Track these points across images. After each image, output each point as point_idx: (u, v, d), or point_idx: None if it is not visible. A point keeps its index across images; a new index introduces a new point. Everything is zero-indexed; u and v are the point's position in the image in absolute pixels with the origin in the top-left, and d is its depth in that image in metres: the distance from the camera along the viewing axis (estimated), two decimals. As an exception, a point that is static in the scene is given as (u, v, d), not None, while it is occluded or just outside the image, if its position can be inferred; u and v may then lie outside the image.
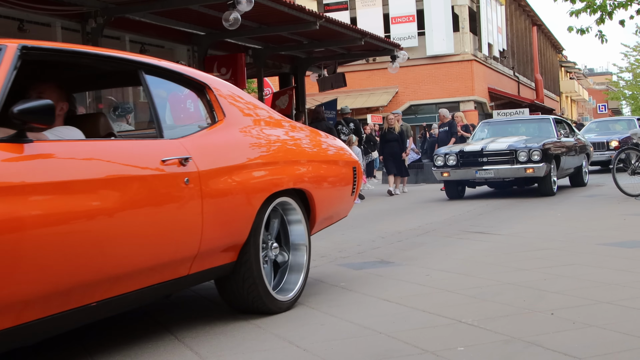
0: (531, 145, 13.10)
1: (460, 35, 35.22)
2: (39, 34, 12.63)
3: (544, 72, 57.73)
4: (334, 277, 6.01)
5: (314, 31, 15.30)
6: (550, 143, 13.52)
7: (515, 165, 13.10)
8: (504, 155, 13.22)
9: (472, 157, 13.49)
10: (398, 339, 3.96)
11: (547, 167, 13.05)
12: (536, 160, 12.90)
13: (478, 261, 6.50)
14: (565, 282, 5.27)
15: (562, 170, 14.16)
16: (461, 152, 13.61)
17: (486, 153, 13.36)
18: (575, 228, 8.62)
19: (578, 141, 15.45)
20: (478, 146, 13.69)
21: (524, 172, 13.06)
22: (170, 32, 14.58)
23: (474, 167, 13.41)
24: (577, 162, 15.23)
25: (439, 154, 13.89)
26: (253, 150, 4.61)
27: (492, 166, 13.29)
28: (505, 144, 13.44)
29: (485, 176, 13.42)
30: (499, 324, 4.16)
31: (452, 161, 13.54)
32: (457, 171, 13.53)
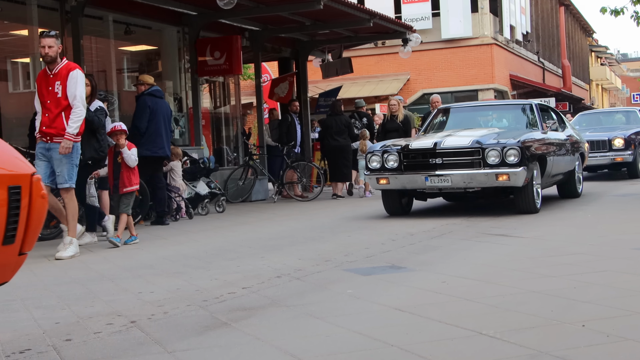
0: (505, 141, 10.36)
1: (479, 16, 35.16)
2: (14, 12, 12.63)
3: (572, 58, 57.68)
4: (339, 283, 6.01)
5: (318, 11, 15.28)
6: (532, 139, 10.87)
7: (482, 169, 10.28)
8: (467, 155, 10.43)
9: (420, 157, 10.66)
10: (412, 352, 3.95)
11: (528, 172, 10.32)
12: (512, 162, 10.15)
13: (499, 267, 6.50)
14: (597, 291, 5.26)
15: (548, 177, 11.60)
16: (405, 149, 10.75)
17: (441, 151, 10.49)
18: (607, 231, 8.61)
19: (570, 138, 12.93)
20: (429, 141, 10.74)
21: (494, 179, 10.25)
22: (158, 12, 14.56)
23: (423, 172, 10.55)
24: (569, 166, 12.62)
25: (374, 152, 11.04)
26: None
27: (449, 170, 10.43)
28: (468, 139, 10.64)
29: (438, 184, 10.51)
30: (524, 336, 4.15)
31: (392, 162, 10.76)
32: (400, 177, 10.69)
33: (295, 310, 5.08)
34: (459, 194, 11.19)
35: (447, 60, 35.22)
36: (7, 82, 14.22)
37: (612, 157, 17.71)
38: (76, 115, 8.36)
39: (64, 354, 4.21)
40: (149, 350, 4.23)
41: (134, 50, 16.51)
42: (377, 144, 11.65)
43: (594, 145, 17.40)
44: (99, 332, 4.68)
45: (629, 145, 17.67)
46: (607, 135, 17.87)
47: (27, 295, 6.04)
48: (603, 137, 17.81)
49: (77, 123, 8.35)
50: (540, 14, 47.43)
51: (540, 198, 11.06)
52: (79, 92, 8.40)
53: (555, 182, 12.64)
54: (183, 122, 15.82)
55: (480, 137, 10.62)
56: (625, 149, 17.68)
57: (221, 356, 4.08)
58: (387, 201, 11.35)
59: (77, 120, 8.36)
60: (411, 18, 33.54)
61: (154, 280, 6.53)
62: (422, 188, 10.77)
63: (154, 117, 11.49)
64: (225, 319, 4.88)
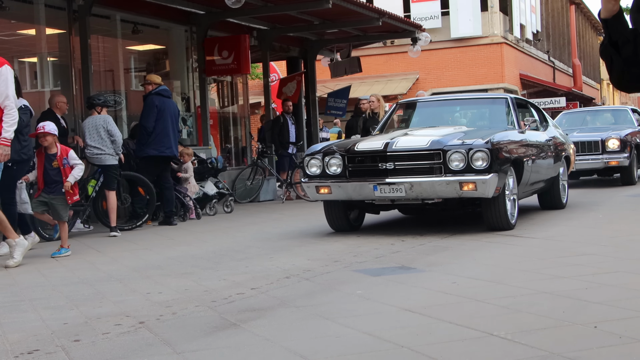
0: (472, 141, 8.66)
1: (488, 15, 35.10)
2: (21, 11, 12.66)
3: (583, 57, 57.55)
4: (349, 284, 6.01)
5: (326, 10, 15.28)
6: (506, 140, 9.24)
7: (443, 176, 8.60)
8: (425, 159, 8.74)
9: (369, 160, 9.00)
10: (422, 353, 3.95)
11: (500, 179, 8.60)
12: (480, 167, 8.49)
13: (510, 267, 6.49)
14: (609, 292, 5.26)
15: (526, 186, 9.94)
16: (351, 151, 9.07)
17: (393, 154, 8.81)
18: (618, 231, 8.59)
19: (554, 139, 11.30)
20: (379, 142, 9.04)
21: (458, 188, 8.54)
22: (166, 11, 14.59)
23: (371, 179, 8.87)
24: (551, 171, 10.93)
25: (314, 154, 9.34)
26: None
27: (403, 177, 8.73)
28: (426, 139, 8.92)
29: (390, 195, 8.82)
30: (535, 337, 4.15)
31: (335, 167, 9.10)
32: (344, 186, 8.99)
33: (305, 311, 5.09)
34: (416, 206, 9.43)
35: (457, 59, 35.16)
36: (14, 82, 14.24)
37: (605, 161, 15.49)
38: (10, 118, 7.66)
39: (73, 355, 4.22)
40: (157, 351, 4.24)
41: (142, 50, 16.53)
42: (315, 146, 9.78)
43: (585, 146, 15.53)
44: (107, 332, 4.69)
45: (624, 146, 15.49)
46: (599, 136, 15.72)
47: (36, 296, 6.06)
48: (595, 138, 15.67)
49: (12, 127, 7.67)
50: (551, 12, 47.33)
51: (517, 211, 9.32)
52: (10, 91, 7.69)
53: (536, 191, 10.90)
54: (191, 121, 15.84)
55: (441, 137, 8.89)
56: (620, 151, 15.46)
57: (230, 357, 4.09)
58: (331, 214, 9.58)
59: (12, 123, 7.66)
60: (420, 17, 33.50)
61: (163, 280, 6.54)
62: (371, 199, 9.06)
63: (162, 117, 11.50)
64: (234, 320, 4.89)
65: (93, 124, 10.60)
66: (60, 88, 13.44)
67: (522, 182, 9.57)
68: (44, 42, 13.56)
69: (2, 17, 12.42)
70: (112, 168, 10.58)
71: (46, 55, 13.79)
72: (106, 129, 10.54)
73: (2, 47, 13.53)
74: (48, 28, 13.31)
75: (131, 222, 11.15)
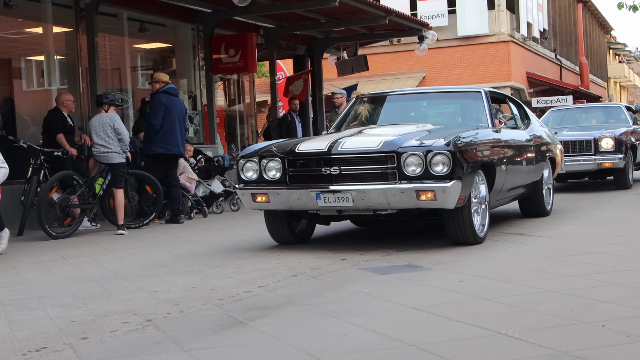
0: (432, 142, 7.42)
1: (495, 13, 35.06)
2: (28, 10, 12.69)
3: (590, 55, 57.43)
4: (356, 282, 6.01)
5: (333, 8, 15.28)
6: (475, 140, 8.06)
7: (397, 183, 7.36)
8: (376, 163, 7.50)
9: (311, 164, 7.77)
10: (430, 351, 3.95)
11: (464, 187, 7.38)
12: (440, 173, 7.26)
13: (517, 266, 6.49)
14: (617, 291, 5.25)
15: (501, 193, 8.75)
16: (291, 153, 7.84)
17: (338, 157, 7.58)
18: (626, 230, 8.58)
19: (535, 138, 10.19)
20: (323, 143, 7.80)
21: (414, 197, 7.30)
22: (172, 9, 14.60)
23: (314, 186, 7.66)
24: (533, 175, 9.85)
25: (249, 157, 8.10)
26: None
27: (350, 184, 7.51)
28: (378, 140, 7.66)
29: (335, 204, 7.58)
30: (543, 336, 4.14)
31: (274, 172, 7.91)
32: (283, 193, 7.78)
33: (312, 309, 5.09)
34: (369, 217, 8.29)
35: (463, 57, 35.13)
36: (21, 80, 14.30)
37: (598, 162, 14.08)
38: None
39: (80, 353, 4.23)
40: (165, 349, 4.25)
41: (149, 48, 16.55)
42: (250, 147, 8.48)
43: (575, 146, 14.21)
44: (114, 330, 4.70)
45: (619, 147, 14.12)
46: (592, 135, 14.34)
47: (43, 294, 6.08)
48: (587, 137, 14.30)
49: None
50: (558, 10, 47.25)
51: (488, 222, 8.11)
52: None
53: (515, 198, 9.80)
54: (197, 120, 15.86)
55: (396, 137, 7.67)
56: (615, 151, 14.07)
57: (238, 355, 4.09)
58: (272, 225, 8.41)
59: None
60: (427, 15, 33.46)
61: (170, 279, 6.55)
62: (314, 209, 7.84)
63: (169, 115, 11.51)
64: (242, 318, 4.89)
65: (100, 122, 10.62)
66: (67, 86, 13.46)
67: (495, 188, 8.42)
68: (51, 41, 13.58)
69: (10, 15, 12.45)
70: (119, 166, 10.60)
71: (53, 53, 13.81)
72: (113, 127, 10.55)
73: (10, 45, 13.58)
74: (55, 26, 13.34)
75: (138, 220, 11.17)
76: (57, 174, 10.30)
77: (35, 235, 10.28)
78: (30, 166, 10.44)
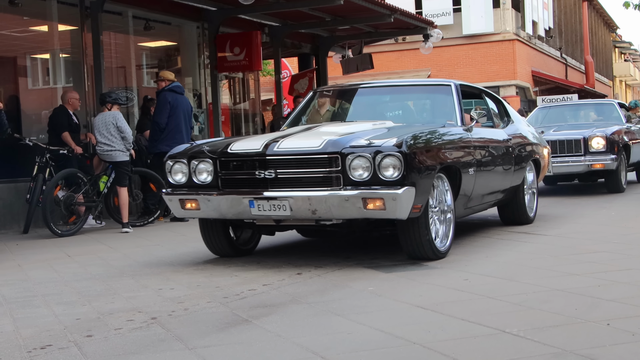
0: (381, 142, 6.45)
1: (500, 11, 35.02)
2: (33, 8, 12.71)
3: (595, 54, 57.34)
4: (361, 280, 6.00)
5: (338, 7, 15.27)
6: (436, 141, 7.06)
7: (341, 189, 6.37)
8: (317, 166, 6.51)
9: (245, 166, 6.81)
10: (434, 350, 3.95)
11: (419, 193, 6.39)
12: (390, 178, 6.29)
13: (522, 264, 6.48)
14: (622, 289, 5.24)
15: (471, 200, 7.79)
16: (223, 154, 6.89)
17: (275, 158, 6.63)
18: (631, 228, 8.57)
19: (516, 137, 9.16)
20: (258, 142, 6.82)
21: (361, 206, 6.32)
22: (177, 7, 14.60)
23: (247, 192, 6.71)
24: (512, 179, 8.83)
25: (177, 157, 7.18)
26: None
27: (288, 190, 6.56)
28: (321, 139, 6.65)
29: (271, 213, 6.62)
30: (547, 334, 4.14)
31: (205, 175, 6.98)
32: (214, 200, 6.83)
33: (317, 307, 5.09)
34: (313, 228, 7.24)
35: (469, 56, 35.13)
36: (26, 78, 14.30)
37: (588, 163, 13.04)
38: None
39: (85, 350, 4.23)
40: (170, 346, 4.25)
41: (154, 46, 16.55)
42: (179, 148, 7.46)
43: (564, 147, 13.20)
44: (119, 328, 4.71)
45: (611, 147, 13.06)
46: (581, 134, 13.29)
47: (48, 291, 6.09)
48: (576, 136, 13.26)
49: None
50: (563, 9, 47.18)
51: (452, 233, 7.16)
52: None
53: (492, 204, 8.85)
54: (202, 118, 15.86)
55: (341, 136, 6.69)
56: (606, 151, 13.01)
57: (242, 353, 4.09)
58: (207, 234, 7.49)
59: None
60: (432, 13, 33.45)
61: (174, 277, 6.56)
62: (249, 218, 6.86)
63: (174, 113, 11.53)
64: (246, 316, 4.90)
65: (103, 120, 10.64)
66: (72, 84, 13.48)
67: (463, 195, 7.46)
68: (57, 39, 13.59)
69: (15, 13, 12.47)
70: (123, 164, 10.62)
71: (58, 51, 13.82)
72: (116, 125, 10.57)
73: (15, 43, 13.59)
74: (60, 24, 13.35)
75: (143, 219, 11.19)
76: (61, 172, 10.31)
77: (40, 233, 10.30)
78: (36, 164, 10.47)
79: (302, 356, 3.96)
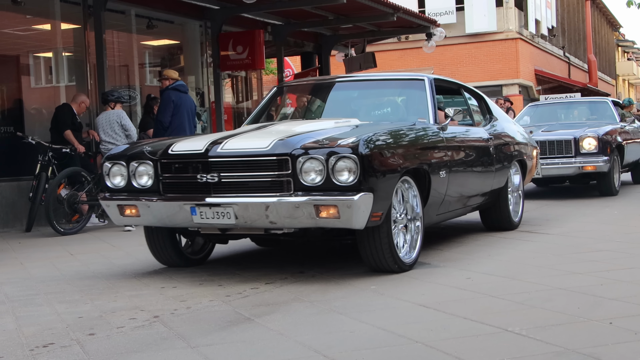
0: (337, 143, 5.80)
1: (503, 10, 35.00)
2: (36, 6, 12.71)
3: (599, 53, 57.29)
4: (363, 279, 6.00)
5: (341, 5, 15.26)
6: (400, 140, 6.33)
7: (291, 195, 5.73)
8: (265, 169, 5.85)
9: (187, 169, 6.15)
10: (437, 348, 3.95)
11: (378, 200, 5.73)
12: (345, 183, 5.62)
13: (525, 263, 6.48)
14: (624, 288, 5.24)
15: (445, 205, 7.13)
16: (164, 155, 6.24)
17: (218, 160, 5.99)
18: (634, 227, 8.56)
19: (498, 137, 8.45)
20: (201, 142, 6.18)
21: (313, 214, 5.66)
22: (180, 6, 14.60)
23: (189, 197, 6.11)
24: (493, 182, 8.16)
25: (116, 158, 6.48)
26: None
27: (231, 196, 5.92)
28: (270, 139, 5.98)
29: (215, 221, 6.00)
30: (550, 333, 4.14)
31: (144, 179, 6.33)
32: (154, 206, 6.21)
33: (319, 306, 5.09)
34: (265, 236, 6.53)
35: (471, 55, 35.11)
36: (29, 77, 14.32)
37: (579, 165, 12.22)
38: None
39: (88, 348, 4.24)
40: (172, 345, 4.25)
41: (156, 45, 16.56)
42: (117, 149, 6.79)
43: (553, 147, 12.37)
44: (122, 326, 4.71)
45: (604, 148, 12.26)
46: (572, 134, 12.43)
47: (50, 290, 6.09)
48: (567, 137, 12.41)
49: None
50: (566, 7, 47.14)
51: (420, 243, 6.48)
52: None
53: (474, 208, 8.21)
54: (205, 117, 15.86)
55: (294, 136, 6.06)
56: (598, 152, 12.20)
57: (244, 351, 4.09)
58: (153, 241, 6.84)
59: None
60: (435, 12, 33.43)
61: (177, 275, 6.56)
62: (191, 226, 6.29)
63: (178, 112, 11.51)
64: (249, 315, 4.90)
65: (107, 119, 10.65)
66: (75, 83, 13.49)
67: (433, 200, 6.77)
68: (59, 37, 13.61)
69: (18, 12, 12.48)
70: (126, 163, 10.60)
71: (61, 50, 13.83)
72: (120, 123, 10.58)
73: (18, 42, 13.60)
74: (63, 23, 13.36)
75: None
76: (65, 171, 10.32)
77: (43, 231, 10.31)
78: (39, 163, 10.48)
79: (304, 354, 3.96)
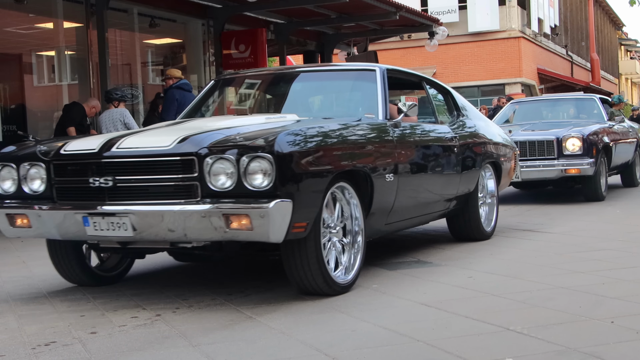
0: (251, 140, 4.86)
1: (506, 9, 34.98)
2: (39, 5, 12.72)
3: (601, 51, 57.24)
4: (365, 278, 6.00)
5: (343, 4, 15.27)
6: (332, 138, 5.37)
7: (198, 202, 4.86)
8: (168, 171, 4.96)
9: (80, 172, 5.25)
10: (438, 347, 3.95)
11: (300, 208, 4.81)
12: (259, 188, 4.72)
13: (527, 262, 6.47)
14: (626, 287, 5.23)
15: (396, 213, 6.23)
16: (57, 155, 5.35)
17: (113, 161, 5.08)
18: (637, 226, 8.55)
19: (465, 136, 7.53)
20: (96, 141, 5.28)
21: (223, 225, 4.77)
22: (183, 5, 14.61)
23: (81, 205, 5.24)
24: (458, 187, 7.30)
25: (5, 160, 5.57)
26: None
27: (128, 204, 5.04)
28: (173, 136, 5.06)
29: (110, 234, 5.12)
30: (551, 332, 4.13)
31: (37, 183, 5.42)
32: (45, 215, 5.31)
33: (320, 304, 5.08)
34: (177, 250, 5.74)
35: (474, 53, 35.09)
36: (32, 76, 14.34)
37: (562, 168, 11.15)
38: None
39: (90, 347, 4.24)
40: (174, 343, 4.25)
41: (159, 44, 16.58)
42: (10, 147, 5.82)
43: (534, 148, 11.28)
44: (124, 325, 4.71)
45: (589, 149, 11.16)
46: (555, 134, 11.35)
47: (52, 288, 6.09)
48: (549, 137, 11.32)
49: None
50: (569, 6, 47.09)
51: (361, 259, 5.66)
52: None
53: (436, 217, 7.40)
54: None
55: (204, 133, 5.12)
56: (583, 154, 11.12)
57: (246, 350, 4.09)
58: (56, 256, 5.94)
59: None
60: (437, 11, 33.43)
61: (178, 274, 6.57)
62: (83, 237, 5.34)
63: (181, 110, 11.52)
64: (250, 313, 4.89)
65: (110, 117, 10.65)
66: (77, 82, 13.50)
67: (379, 208, 5.87)
68: (62, 36, 13.62)
69: (21, 10, 12.49)
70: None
71: (64, 48, 13.86)
72: (123, 122, 10.59)
73: (21, 40, 13.62)
74: (66, 22, 13.38)
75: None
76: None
77: (45, 230, 10.30)
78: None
79: (306, 353, 3.96)
